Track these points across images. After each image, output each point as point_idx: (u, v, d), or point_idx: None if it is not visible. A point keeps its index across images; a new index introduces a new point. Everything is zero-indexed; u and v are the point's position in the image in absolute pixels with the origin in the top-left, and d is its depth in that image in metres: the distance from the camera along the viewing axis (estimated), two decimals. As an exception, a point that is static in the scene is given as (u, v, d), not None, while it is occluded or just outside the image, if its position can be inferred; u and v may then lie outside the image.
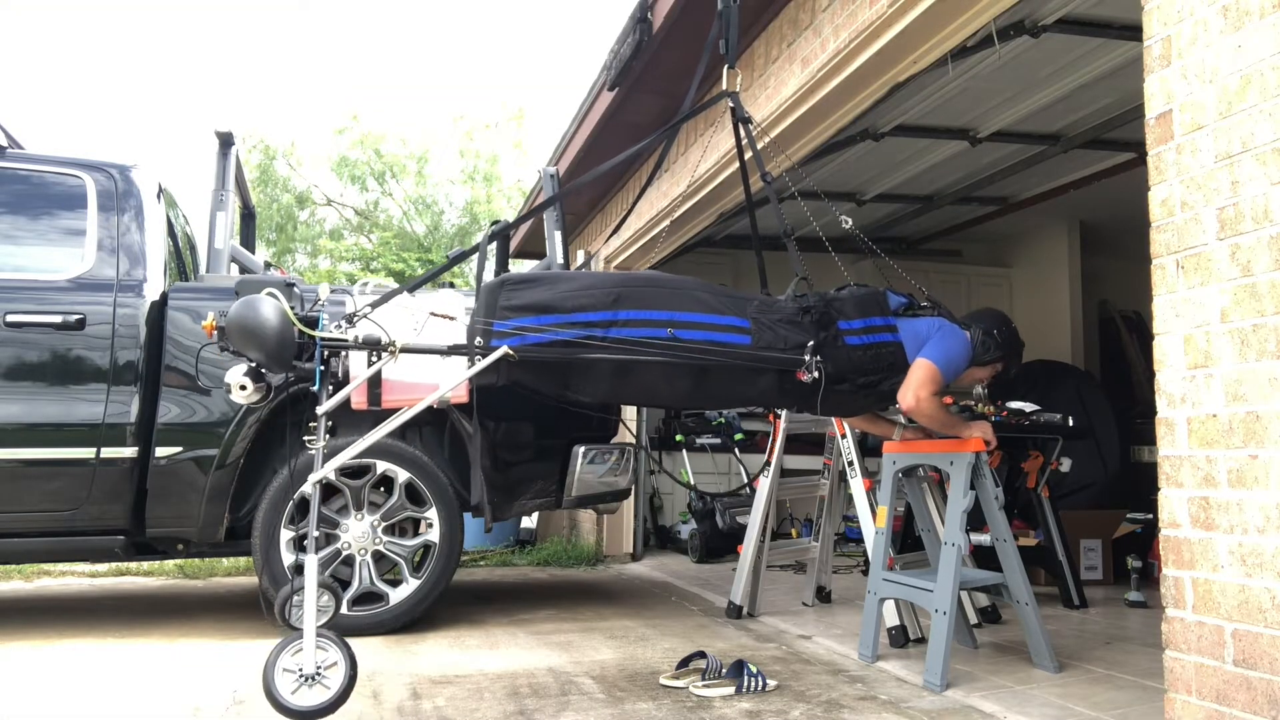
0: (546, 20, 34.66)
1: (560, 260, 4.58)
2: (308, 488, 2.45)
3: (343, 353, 2.62)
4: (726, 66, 3.16)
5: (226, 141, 4.57)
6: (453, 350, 2.58)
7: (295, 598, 2.66)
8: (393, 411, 2.65)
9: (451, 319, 2.68)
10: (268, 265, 3.67)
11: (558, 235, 4.63)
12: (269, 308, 2.41)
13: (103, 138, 27.11)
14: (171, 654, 3.42)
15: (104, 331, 3.65)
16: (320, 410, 2.49)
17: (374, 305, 2.57)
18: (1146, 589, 4.46)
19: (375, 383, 2.55)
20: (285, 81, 29.36)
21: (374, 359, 2.55)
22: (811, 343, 2.76)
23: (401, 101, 28.62)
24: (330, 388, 2.56)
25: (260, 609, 4.19)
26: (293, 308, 2.47)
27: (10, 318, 3.58)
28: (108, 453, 3.60)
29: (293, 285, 2.56)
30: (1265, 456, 1.84)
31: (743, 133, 3.19)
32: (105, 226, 3.79)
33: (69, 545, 3.72)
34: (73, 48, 29.79)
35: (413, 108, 29.18)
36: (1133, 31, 3.81)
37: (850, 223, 3.33)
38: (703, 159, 4.80)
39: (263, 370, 2.55)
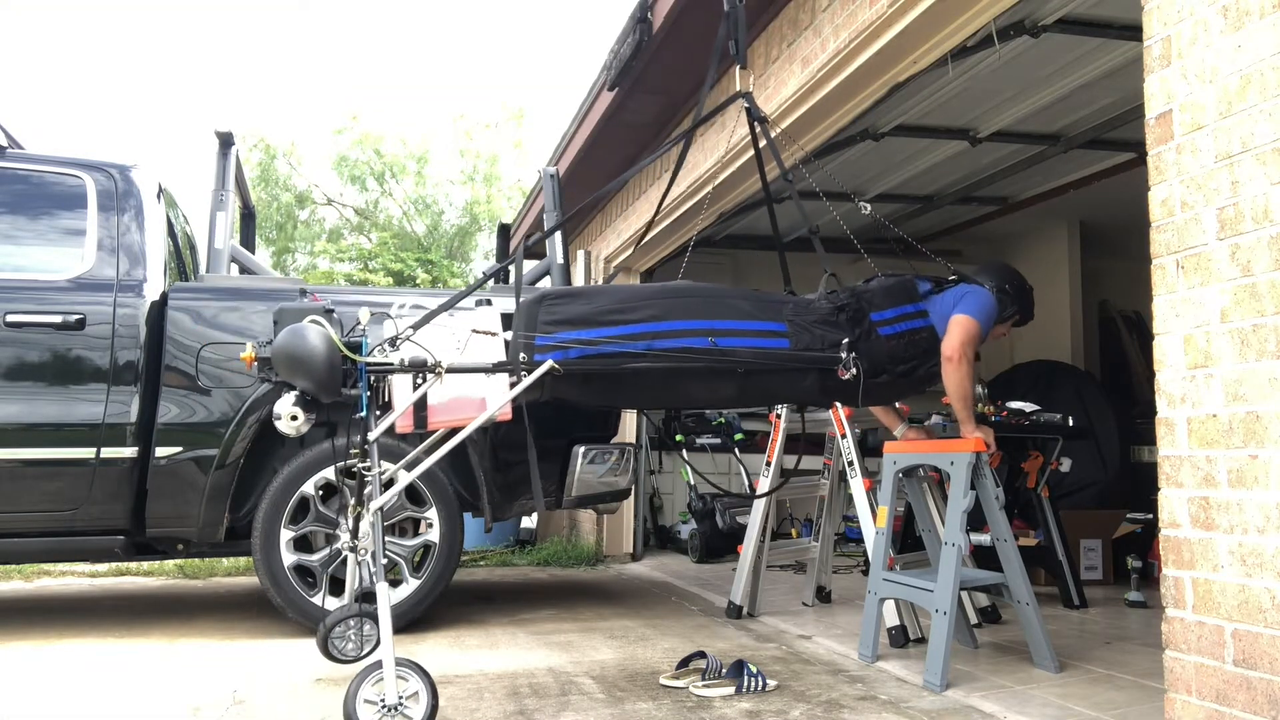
0: (546, 20, 34.65)
1: (560, 260, 4.59)
2: (368, 516, 2.47)
3: (387, 376, 2.62)
4: (738, 67, 3.16)
5: (226, 141, 4.57)
6: (498, 367, 2.59)
7: (338, 628, 2.71)
8: (433, 432, 2.66)
9: (493, 335, 2.68)
10: (302, 293, 3.68)
11: (558, 235, 4.63)
12: (316, 336, 2.40)
13: (103, 138, 27.11)
14: (171, 654, 3.42)
15: (104, 331, 3.65)
16: (371, 436, 2.49)
17: (415, 327, 2.57)
18: (1146, 589, 4.46)
19: (420, 405, 2.55)
20: (285, 81, 29.36)
21: (420, 381, 2.54)
22: (847, 339, 2.78)
23: (401, 101, 28.62)
24: (377, 412, 2.56)
25: (260, 609, 4.19)
26: (335, 333, 2.46)
27: (10, 318, 3.58)
28: (108, 453, 3.60)
29: (332, 311, 2.55)
30: (1265, 456, 1.84)
31: (759, 131, 3.19)
32: (105, 226, 3.79)
33: (69, 545, 3.72)
34: (73, 48, 29.79)
35: (413, 108, 29.18)
36: (1133, 31, 3.81)
37: (869, 209, 3.34)
38: (703, 159, 4.80)
39: (310, 399, 2.54)
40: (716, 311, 2.75)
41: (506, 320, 2.69)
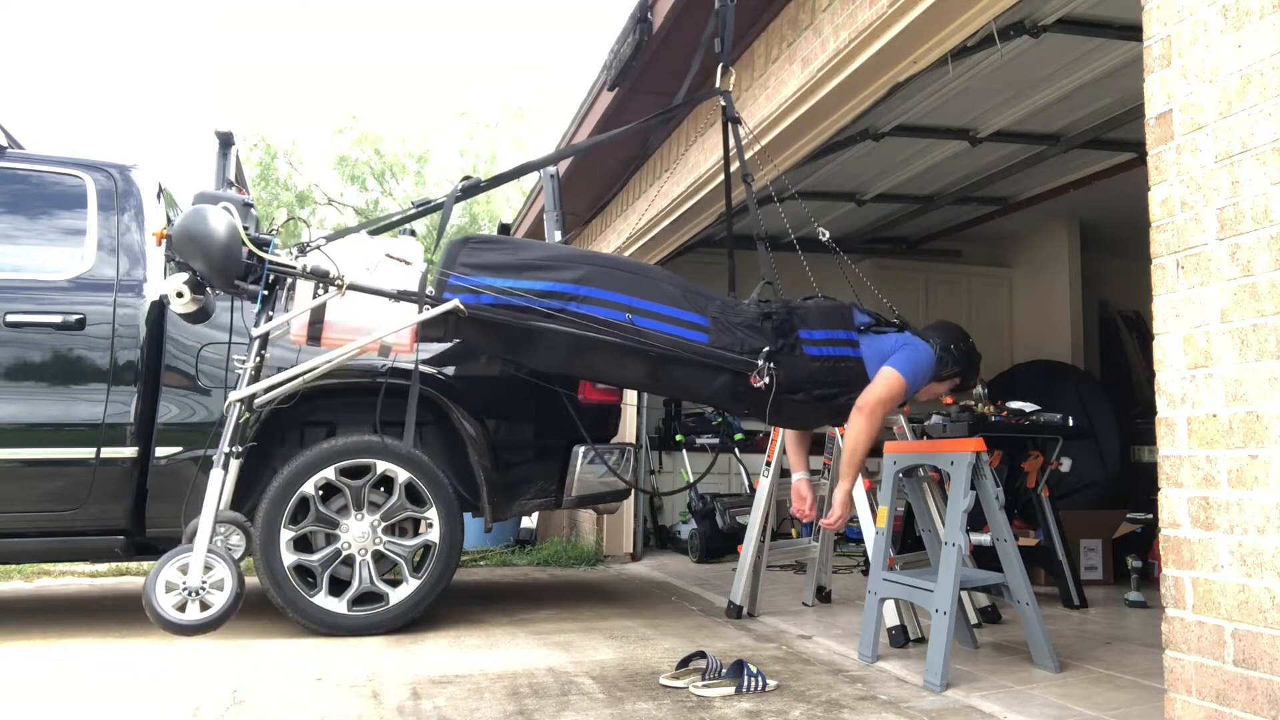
0: (546, 20, 34.65)
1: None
2: (228, 406, 2.41)
3: (289, 283, 2.58)
4: (721, 65, 3.15)
5: (226, 141, 4.55)
6: (402, 296, 2.54)
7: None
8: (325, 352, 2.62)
9: (407, 264, 2.65)
10: (229, 184, 3.62)
11: (557, 235, 4.63)
12: (219, 219, 2.37)
13: (103, 138, 27.11)
14: (171, 654, 3.42)
15: (104, 331, 3.65)
16: (255, 332, 2.45)
17: (329, 238, 2.54)
18: (1146, 589, 4.46)
19: (318, 320, 2.50)
20: (285, 81, 29.36)
21: (320, 292, 2.51)
22: (768, 348, 2.75)
23: (401, 101, 28.61)
24: (269, 317, 2.52)
25: (260, 609, 4.19)
26: (246, 228, 2.43)
27: (10, 318, 3.58)
28: (108, 453, 3.60)
29: (250, 206, 2.52)
30: (1265, 456, 1.84)
31: (730, 133, 3.18)
32: (105, 226, 3.79)
33: (69, 545, 3.72)
34: (73, 48, 29.80)
35: (413, 108, 29.18)
36: (1133, 31, 3.81)
37: (827, 235, 3.33)
38: (703, 159, 4.80)
39: (204, 283, 2.51)
40: (641, 290, 2.71)
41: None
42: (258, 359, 2.45)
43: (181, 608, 2.18)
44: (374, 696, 2.81)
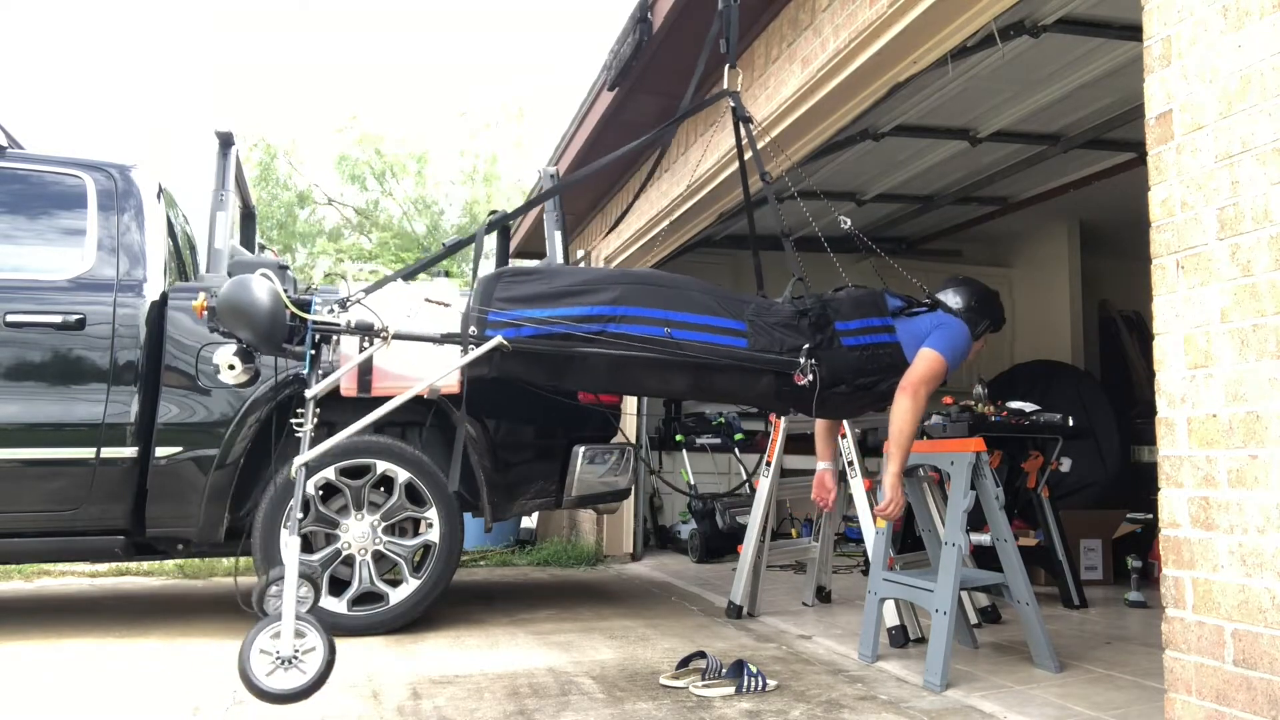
0: (546, 20, 34.65)
1: (560, 259, 4.58)
2: (293, 471, 2.43)
3: (334, 339, 2.60)
4: (727, 65, 3.15)
5: (226, 141, 4.56)
6: (446, 339, 2.56)
7: (273, 587, 2.63)
8: (384, 400, 2.64)
9: (446, 305, 2.66)
10: (262, 248, 3.65)
11: (558, 235, 4.63)
12: (261, 288, 2.39)
13: (103, 138, 27.11)
14: (171, 654, 3.42)
15: (104, 331, 3.65)
16: (309, 394, 2.46)
17: (367, 291, 2.56)
18: (1146, 589, 4.46)
19: (366, 370, 2.53)
20: (285, 81, 29.36)
21: (365, 345, 2.53)
22: (807, 345, 2.76)
23: (401, 101, 28.60)
24: (320, 374, 2.54)
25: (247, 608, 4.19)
26: (285, 290, 2.45)
27: (10, 318, 3.58)
28: (108, 453, 3.60)
29: (286, 268, 2.55)
30: (1265, 456, 1.84)
31: (743, 132, 3.18)
32: (105, 226, 3.79)
33: (69, 545, 3.72)
34: (73, 48, 29.80)
35: (413, 108, 29.17)
36: (1133, 31, 3.81)
37: (849, 223, 3.33)
38: (703, 159, 4.80)
39: (252, 351, 2.53)
40: (676, 303, 2.72)
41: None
42: (315, 420, 2.47)
43: (275, 674, 2.21)
44: (374, 696, 2.81)
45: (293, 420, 2.53)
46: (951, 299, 3.27)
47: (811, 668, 3.23)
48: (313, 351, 2.48)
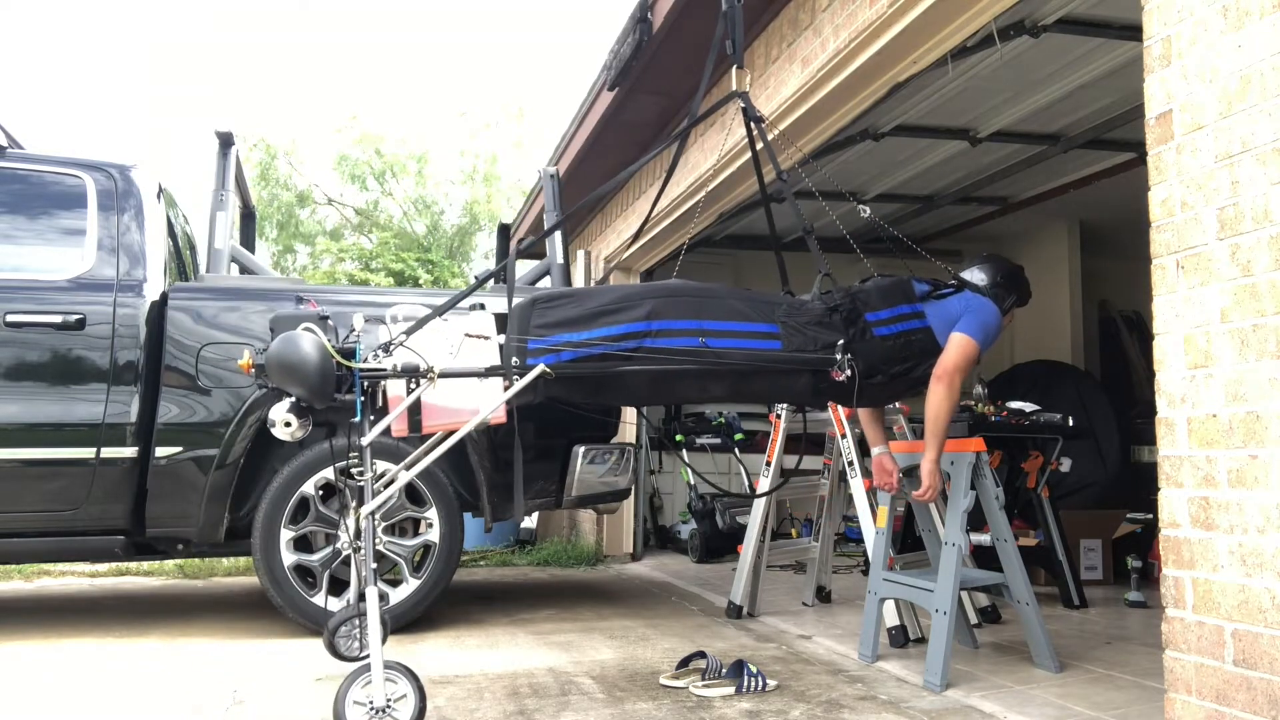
0: (546, 20, 34.65)
1: (560, 260, 4.58)
2: (361, 521, 2.48)
3: (382, 384, 2.64)
4: (735, 66, 3.15)
5: (226, 141, 4.57)
6: (490, 372, 2.60)
7: (344, 628, 2.69)
8: (429, 436, 2.68)
9: (486, 338, 2.69)
10: (299, 300, 3.72)
11: (558, 235, 4.63)
12: (308, 343, 2.42)
13: (103, 138, 27.11)
14: (171, 654, 3.42)
15: (104, 331, 3.65)
16: (364, 441, 2.50)
17: (408, 333, 2.58)
18: (1146, 589, 4.46)
19: (415, 409, 2.56)
20: (285, 81, 29.36)
21: (413, 386, 2.56)
22: (841, 341, 2.77)
23: (401, 101, 28.61)
24: (371, 417, 2.57)
25: (260, 609, 4.19)
26: (331, 341, 2.48)
27: (10, 318, 3.58)
28: (108, 453, 3.60)
29: (327, 318, 2.57)
30: (1265, 456, 1.84)
31: (755, 131, 3.18)
32: (105, 226, 3.79)
33: (69, 545, 3.72)
34: (73, 48, 29.80)
35: (413, 107, 29.17)
36: (1133, 31, 3.81)
37: (869, 211, 3.34)
38: (703, 159, 4.80)
39: (304, 405, 2.56)
40: (708, 311, 2.74)
41: (502, 321, 2.70)
42: (373, 468, 2.52)
43: None
44: (374, 696, 2.80)
45: (354, 469, 2.57)
46: (977, 276, 3.29)
47: (811, 668, 3.23)
48: (363, 398, 2.51)
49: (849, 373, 2.74)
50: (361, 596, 2.69)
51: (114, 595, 4.97)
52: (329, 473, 3.69)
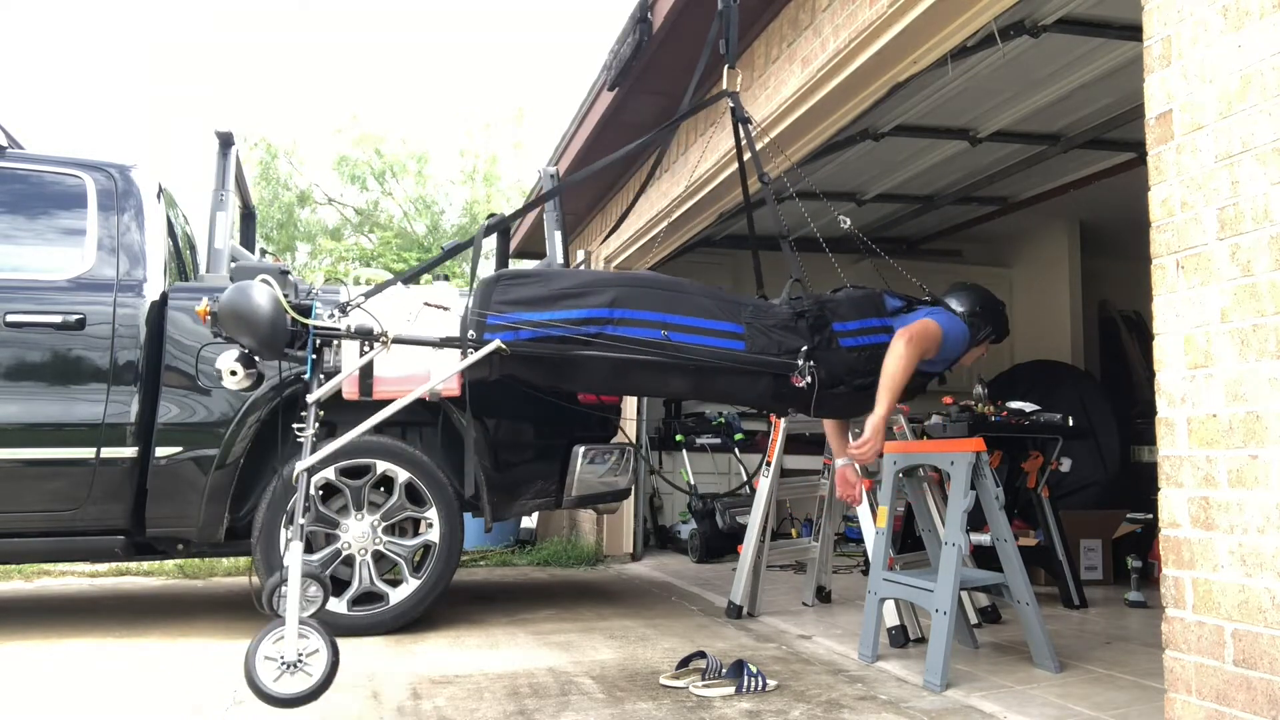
0: (546, 20, 34.65)
1: (560, 260, 4.58)
2: (297, 476, 2.44)
3: (335, 343, 2.62)
4: (726, 66, 3.15)
5: (226, 141, 4.56)
6: (445, 342, 2.58)
7: (282, 587, 2.65)
8: (386, 403, 2.65)
9: (445, 309, 2.68)
10: (264, 253, 3.69)
11: (558, 235, 4.63)
12: (262, 294, 2.41)
13: (103, 138, 27.11)
14: (171, 654, 3.42)
15: (104, 331, 3.65)
16: (310, 399, 2.48)
17: (367, 295, 2.57)
18: (1146, 589, 4.46)
19: (367, 374, 2.55)
20: (286, 81, 29.36)
21: (366, 349, 2.54)
22: (806, 347, 2.76)
23: (401, 101, 28.61)
24: (322, 378, 2.55)
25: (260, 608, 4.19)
26: (286, 295, 2.46)
27: (10, 318, 3.58)
28: (108, 453, 3.60)
29: (287, 273, 2.56)
30: (1265, 456, 1.84)
31: (742, 133, 3.18)
32: (105, 226, 3.79)
33: (69, 545, 3.72)
34: (73, 48, 29.79)
35: (413, 107, 29.18)
36: (1133, 31, 3.81)
37: (849, 223, 3.34)
38: (703, 159, 4.80)
39: (254, 356, 2.55)
40: (673, 305, 2.74)
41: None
42: (316, 424, 2.49)
43: (282, 679, 2.22)
44: (374, 696, 2.81)
45: (295, 425, 2.54)
46: (955, 304, 3.27)
47: (811, 668, 3.23)
48: (314, 356, 2.49)
49: (809, 379, 2.74)
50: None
51: (114, 595, 4.97)
52: (329, 473, 3.69)
